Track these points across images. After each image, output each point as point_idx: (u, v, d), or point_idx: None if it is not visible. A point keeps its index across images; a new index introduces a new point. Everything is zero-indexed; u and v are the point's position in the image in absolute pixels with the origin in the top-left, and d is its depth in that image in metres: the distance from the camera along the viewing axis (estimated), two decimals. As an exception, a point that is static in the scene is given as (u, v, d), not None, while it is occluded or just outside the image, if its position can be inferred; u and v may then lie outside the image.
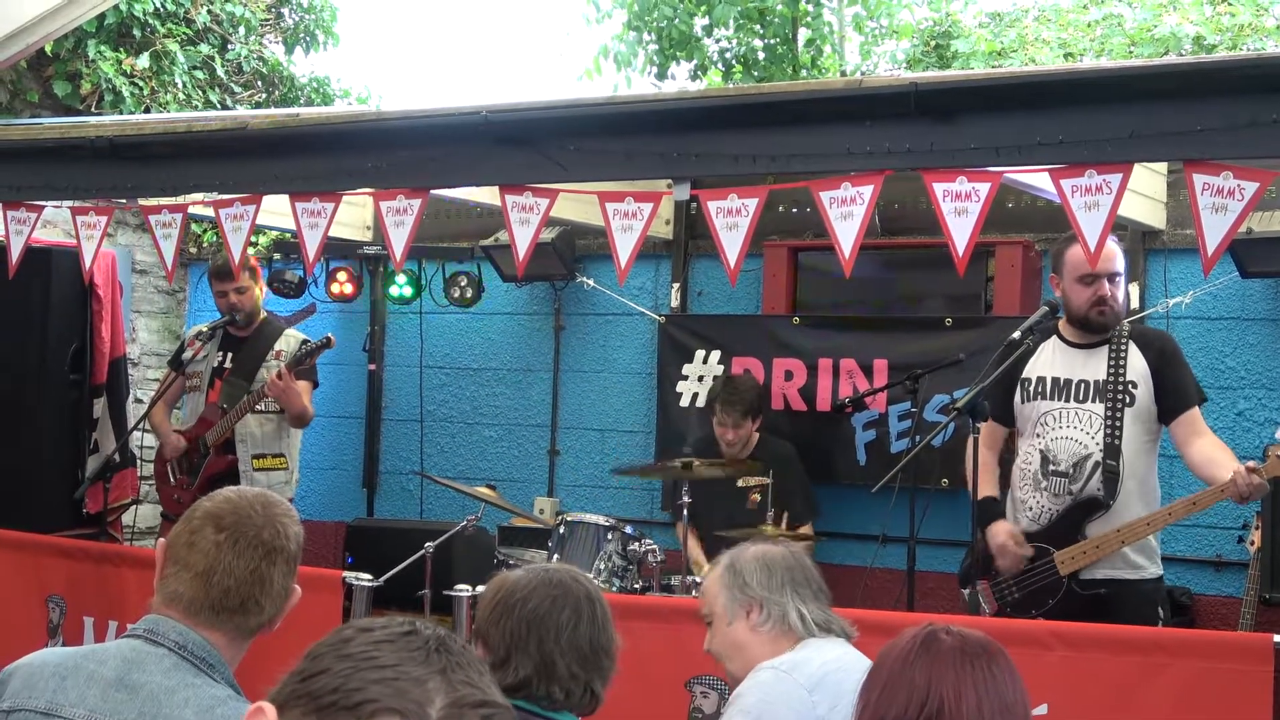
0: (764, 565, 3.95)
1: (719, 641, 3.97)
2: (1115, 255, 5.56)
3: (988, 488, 5.78)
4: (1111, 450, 5.51)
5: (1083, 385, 5.62)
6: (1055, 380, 5.68)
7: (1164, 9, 10.93)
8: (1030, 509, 5.67)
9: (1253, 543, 6.30)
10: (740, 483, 6.74)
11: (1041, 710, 4.49)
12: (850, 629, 4.01)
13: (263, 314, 7.86)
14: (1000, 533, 5.64)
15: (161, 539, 3.10)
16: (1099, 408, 5.56)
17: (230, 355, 7.74)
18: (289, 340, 7.73)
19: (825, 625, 3.93)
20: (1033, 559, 5.59)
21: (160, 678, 2.83)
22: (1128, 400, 5.54)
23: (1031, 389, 5.72)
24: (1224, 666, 4.48)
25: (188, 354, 7.79)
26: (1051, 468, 5.62)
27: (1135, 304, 7.07)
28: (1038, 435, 5.69)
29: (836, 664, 3.76)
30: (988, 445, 5.85)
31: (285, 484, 7.59)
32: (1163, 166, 6.97)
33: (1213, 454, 5.41)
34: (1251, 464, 5.14)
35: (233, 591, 2.96)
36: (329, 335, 7.44)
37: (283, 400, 7.45)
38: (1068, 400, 5.64)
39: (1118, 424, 5.53)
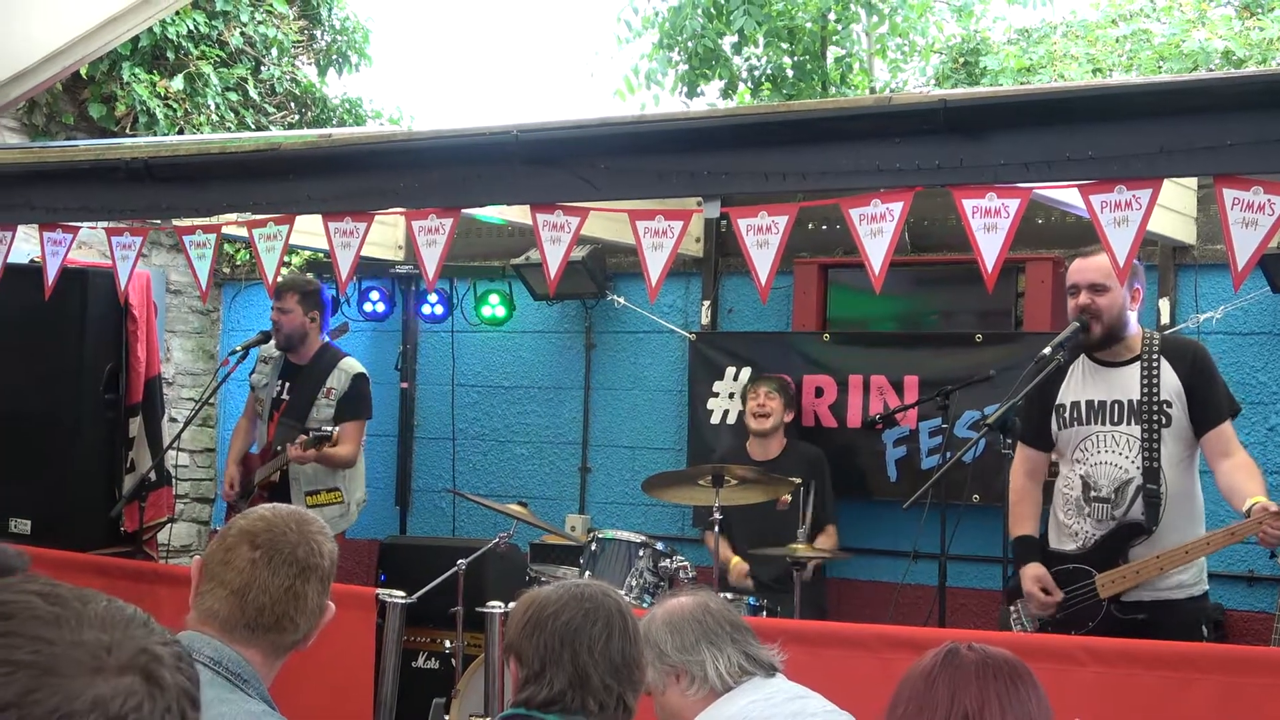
0: (672, 628, 3.86)
1: (659, 710, 3.91)
2: (1098, 267, 5.44)
3: (1025, 524, 5.72)
4: (1151, 474, 5.42)
5: (1117, 406, 5.54)
6: (1090, 404, 5.60)
7: (1192, 24, 10.89)
8: (1075, 534, 5.58)
9: (1286, 558, 6.27)
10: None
11: (1073, 726, 4.47)
12: (774, 658, 3.92)
13: (319, 341, 7.81)
14: (1028, 578, 5.56)
15: (197, 556, 3.12)
16: (1136, 430, 5.48)
17: (288, 385, 7.75)
18: (340, 376, 7.67)
19: (744, 669, 3.83)
20: (1072, 580, 5.52)
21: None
22: (1164, 421, 5.45)
23: (1068, 415, 5.64)
24: (1256, 681, 4.46)
25: (255, 376, 7.84)
26: (1093, 494, 5.53)
27: (1166, 319, 7.06)
28: (1077, 461, 5.60)
29: (743, 715, 3.70)
30: (1030, 475, 5.80)
31: (341, 517, 7.52)
32: (1192, 181, 6.95)
33: (1239, 483, 5.31)
34: (1271, 510, 5.03)
35: (267, 609, 2.98)
36: (335, 433, 7.27)
37: (320, 462, 7.43)
38: (1104, 423, 5.55)
39: (1156, 445, 5.44)
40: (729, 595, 6.36)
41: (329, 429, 7.29)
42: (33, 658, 1.54)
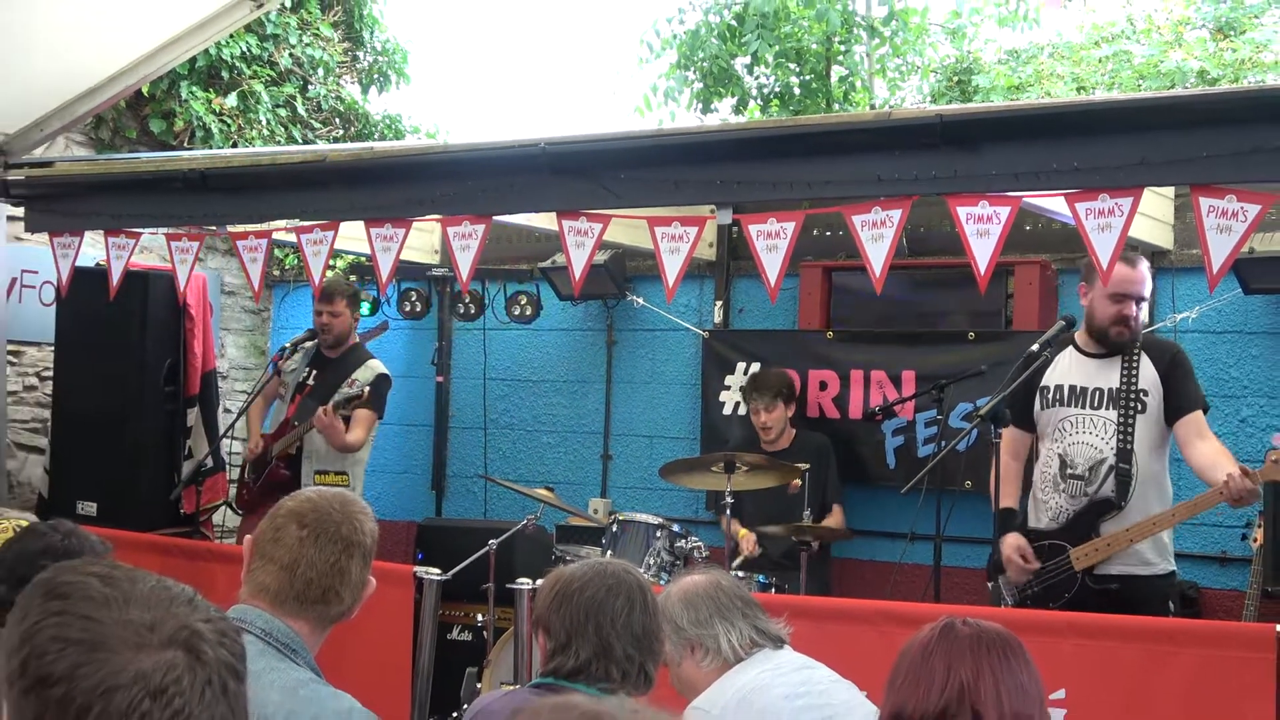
0: (688, 604, 3.86)
1: (675, 680, 3.90)
2: (1144, 280, 5.53)
3: (1008, 498, 5.77)
4: (1124, 454, 5.47)
5: (1098, 393, 5.58)
6: (1072, 388, 5.64)
7: (1170, 46, 10.84)
8: (1050, 509, 5.65)
9: (1256, 539, 6.25)
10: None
11: (1059, 695, 4.46)
12: (782, 632, 3.92)
13: (354, 339, 7.86)
14: (1008, 546, 5.61)
15: (248, 536, 3.12)
16: (1113, 414, 5.53)
17: (315, 373, 7.76)
18: (367, 371, 7.68)
19: (754, 641, 3.84)
20: (1050, 556, 5.56)
21: (248, 662, 2.85)
22: (1140, 408, 5.50)
23: (1050, 396, 5.69)
24: (1230, 654, 4.44)
25: (285, 361, 7.85)
26: (1069, 471, 5.58)
27: (1145, 318, 7.01)
28: (1055, 440, 5.66)
29: (753, 684, 3.69)
30: (1013, 453, 5.85)
31: None
32: (1170, 191, 6.91)
33: (1214, 458, 5.33)
34: (1244, 468, 5.10)
35: (314, 583, 2.98)
36: (366, 391, 7.26)
37: (324, 434, 7.35)
38: (1084, 407, 5.60)
39: (1130, 429, 5.49)
40: (739, 573, 6.36)
41: (362, 387, 7.30)
42: (82, 635, 1.55)
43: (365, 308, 8.32)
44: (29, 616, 1.58)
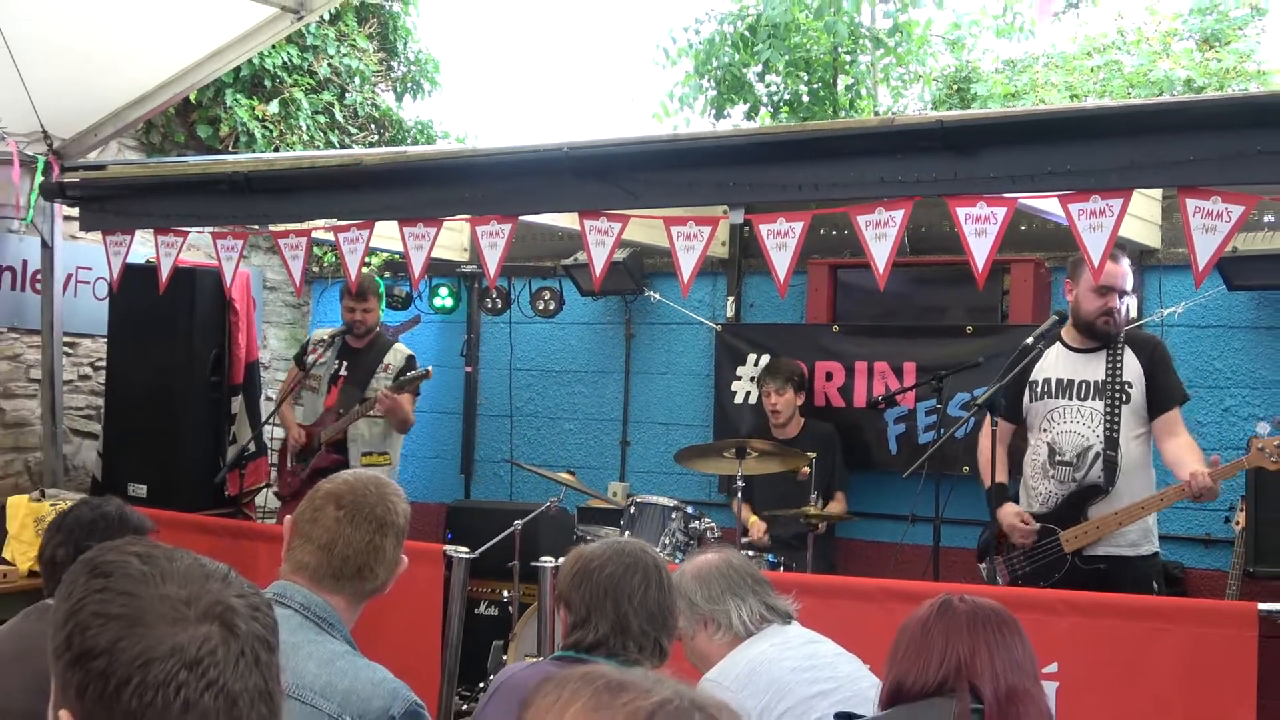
0: (701, 581, 3.84)
1: (689, 654, 3.89)
2: (1126, 275, 5.59)
3: (998, 475, 5.77)
4: (1111, 442, 5.49)
5: (1084, 385, 5.60)
6: (1060, 381, 5.66)
7: (1158, 56, 10.80)
8: (1040, 494, 5.66)
9: (1238, 523, 6.24)
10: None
11: (1052, 668, 4.45)
12: (790, 608, 3.91)
13: (377, 328, 7.91)
14: (1009, 513, 5.64)
15: (289, 516, 3.13)
16: (1099, 405, 5.54)
17: (345, 364, 7.79)
18: (396, 354, 7.76)
19: (764, 617, 3.82)
20: (1041, 538, 5.57)
21: (287, 635, 2.84)
22: (1124, 398, 5.53)
23: (1039, 389, 5.70)
24: (1214, 631, 4.43)
25: (310, 357, 7.86)
26: (1058, 458, 5.59)
27: (1133, 314, 7.00)
28: (1044, 430, 5.67)
29: (763, 657, 3.68)
30: (999, 440, 5.83)
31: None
32: (1158, 192, 6.89)
33: (1180, 455, 5.42)
34: (1204, 471, 5.18)
35: (351, 560, 2.99)
36: (430, 369, 7.44)
37: (390, 415, 7.48)
38: (1071, 398, 5.61)
39: (1116, 419, 5.51)
40: (749, 552, 6.35)
41: (425, 367, 7.46)
42: (122, 610, 1.55)
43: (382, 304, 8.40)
44: (74, 593, 1.59)
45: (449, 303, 8.87)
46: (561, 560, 3.94)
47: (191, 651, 1.53)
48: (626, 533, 6.54)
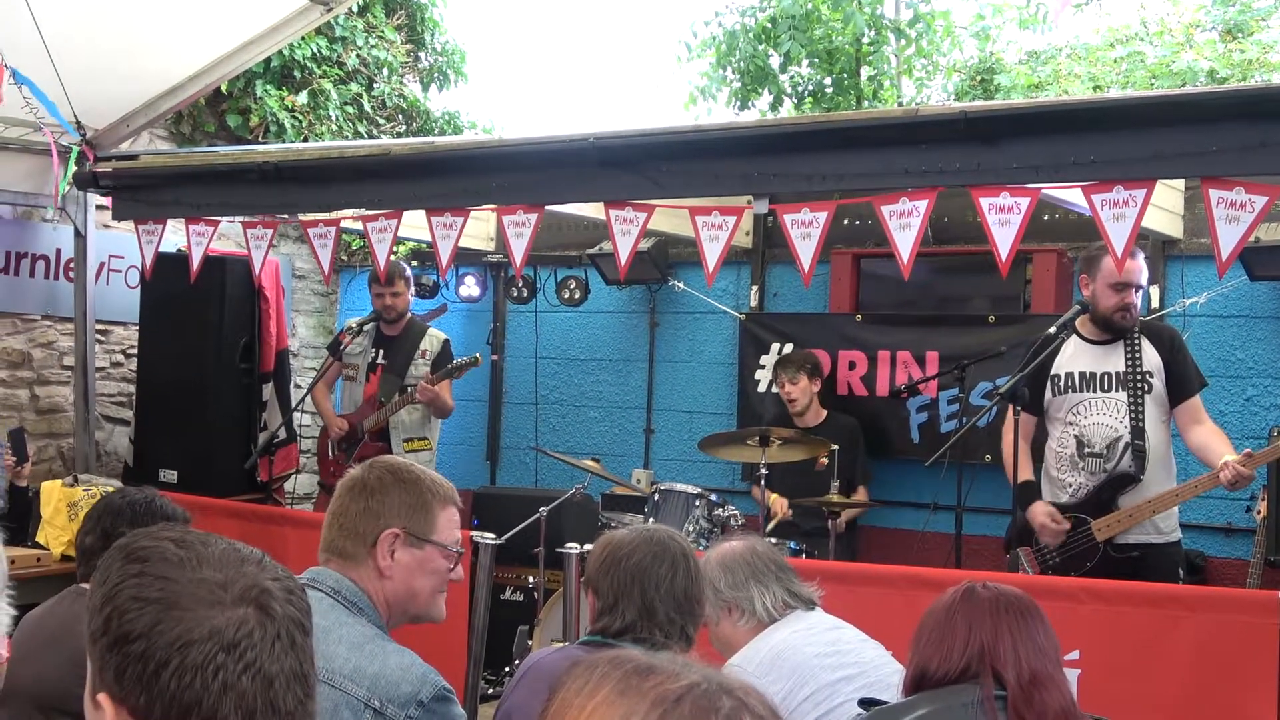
0: (725, 568, 3.85)
1: (714, 639, 3.90)
2: (1142, 270, 5.59)
3: (1025, 472, 5.79)
4: (1138, 431, 5.49)
5: (1106, 377, 5.59)
6: (1082, 374, 5.65)
7: (1181, 47, 10.73)
8: (1069, 486, 5.64)
9: (1259, 512, 6.21)
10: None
11: (1074, 655, 4.44)
12: (814, 595, 3.92)
13: (409, 314, 7.92)
14: (1039, 513, 5.62)
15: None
16: (1122, 396, 5.54)
17: (382, 352, 7.80)
18: (432, 340, 7.80)
19: (787, 603, 3.83)
20: (1072, 529, 5.55)
21: (319, 618, 2.86)
22: (1146, 388, 5.53)
23: (1062, 384, 5.69)
24: (1235, 619, 4.42)
25: (342, 344, 7.88)
26: (1087, 450, 5.59)
27: (1155, 304, 6.99)
28: (1070, 423, 5.65)
29: (786, 643, 3.68)
30: (1021, 435, 5.84)
31: (429, 462, 7.59)
32: (1180, 183, 6.85)
33: (1209, 442, 5.42)
34: (1239, 457, 5.15)
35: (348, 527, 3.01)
36: (478, 356, 7.48)
37: (432, 402, 7.51)
38: (1095, 391, 5.61)
39: (1140, 409, 5.50)
40: (773, 540, 6.35)
41: (473, 354, 7.50)
42: (159, 594, 1.56)
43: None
44: (110, 578, 1.60)
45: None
46: (587, 546, 3.95)
47: (229, 634, 1.55)
48: (651, 520, 6.54)
